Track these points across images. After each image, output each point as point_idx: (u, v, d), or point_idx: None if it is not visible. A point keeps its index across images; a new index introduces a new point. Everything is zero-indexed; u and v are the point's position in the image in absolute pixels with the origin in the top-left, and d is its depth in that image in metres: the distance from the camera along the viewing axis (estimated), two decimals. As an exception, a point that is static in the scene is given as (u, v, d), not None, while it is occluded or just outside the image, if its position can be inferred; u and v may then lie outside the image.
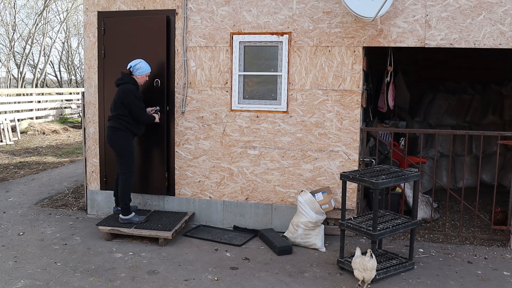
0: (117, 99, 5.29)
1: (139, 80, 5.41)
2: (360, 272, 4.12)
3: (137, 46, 5.71)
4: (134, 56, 5.58)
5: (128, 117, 5.27)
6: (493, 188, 5.41)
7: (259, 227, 5.67)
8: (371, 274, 4.10)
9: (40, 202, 6.89)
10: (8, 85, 24.84)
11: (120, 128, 5.28)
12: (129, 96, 5.23)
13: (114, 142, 5.32)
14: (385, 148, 6.57)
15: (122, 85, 5.31)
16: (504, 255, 5.02)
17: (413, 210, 4.76)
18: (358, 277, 4.16)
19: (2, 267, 4.54)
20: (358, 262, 4.14)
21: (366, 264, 4.09)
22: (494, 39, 4.96)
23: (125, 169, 5.34)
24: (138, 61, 5.39)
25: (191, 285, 4.24)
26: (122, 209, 5.39)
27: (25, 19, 35.52)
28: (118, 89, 5.33)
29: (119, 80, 5.38)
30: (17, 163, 9.97)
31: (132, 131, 5.35)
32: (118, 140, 5.30)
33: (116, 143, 5.31)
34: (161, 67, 5.72)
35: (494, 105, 8.17)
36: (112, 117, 5.34)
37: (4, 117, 13.65)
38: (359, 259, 4.16)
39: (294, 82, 5.47)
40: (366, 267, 4.09)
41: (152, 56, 5.68)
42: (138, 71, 5.37)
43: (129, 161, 5.35)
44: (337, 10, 5.28)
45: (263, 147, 5.63)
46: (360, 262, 4.13)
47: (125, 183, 5.34)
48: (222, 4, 5.57)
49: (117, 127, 5.29)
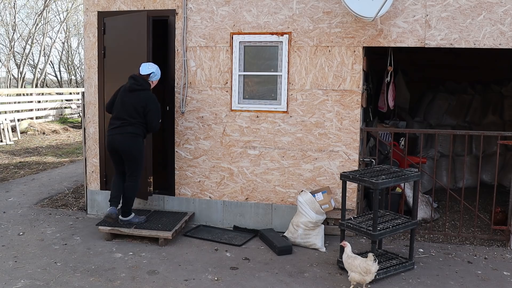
0: (138, 105, 5.09)
1: (153, 85, 5.33)
2: (361, 275, 3.98)
3: (136, 46, 5.70)
4: (133, 55, 5.58)
5: (144, 123, 5.18)
6: (493, 188, 5.41)
7: (259, 227, 5.67)
8: (372, 277, 4.01)
9: (40, 202, 6.88)
10: (8, 85, 24.84)
11: (139, 134, 5.16)
12: (153, 104, 5.10)
13: (133, 148, 5.13)
14: (385, 148, 6.57)
15: (143, 92, 5.13)
16: (504, 255, 5.02)
17: (413, 210, 4.76)
18: (355, 279, 4.01)
19: (2, 267, 4.54)
20: (359, 265, 3.99)
21: (371, 268, 3.95)
22: (494, 39, 4.95)
23: (137, 174, 5.25)
24: (156, 66, 5.28)
25: (191, 285, 4.24)
26: (123, 211, 5.37)
27: (25, 19, 35.54)
28: (138, 95, 5.11)
29: (136, 84, 5.15)
30: (17, 163, 9.97)
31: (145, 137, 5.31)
32: (137, 146, 5.15)
33: (134, 149, 5.14)
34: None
35: (494, 105, 8.18)
36: (130, 123, 5.11)
37: (4, 117, 13.65)
38: (360, 262, 4.01)
39: (294, 82, 5.47)
40: (370, 271, 3.96)
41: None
42: (155, 77, 5.29)
43: (142, 166, 5.31)
44: (337, 10, 5.28)
45: (263, 147, 5.63)
46: (362, 266, 3.98)
47: (135, 187, 5.28)
48: (222, 4, 5.57)
49: (137, 133, 5.14)
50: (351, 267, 4.05)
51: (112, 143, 5.17)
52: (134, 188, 5.29)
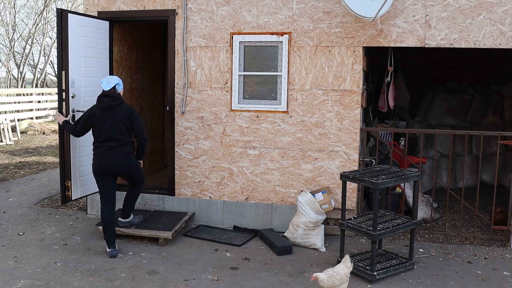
0: (125, 118, 4.86)
1: (121, 94, 5.08)
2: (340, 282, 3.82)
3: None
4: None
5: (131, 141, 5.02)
6: (493, 188, 5.41)
7: (259, 227, 5.67)
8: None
9: (40, 202, 6.88)
10: (8, 85, 24.83)
11: (132, 152, 5.01)
12: (135, 113, 4.94)
13: (132, 166, 5.01)
14: (385, 148, 6.57)
15: (121, 105, 4.89)
16: (504, 255, 5.02)
17: (413, 210, 4.76)
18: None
19: (2, 267, 4.54)
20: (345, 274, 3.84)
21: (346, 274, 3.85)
22: (494, 39, 4.96)
23: (143, 179, 5.18)
24: (115, 77, 5.03)
25: (191, 285, 4.24)
26: (125, 213, 5.35)
27: (25, 19, 35.47)
28: (119, 110, 4.86)
29: (114, 101, 4.86)
30: (17, 163, 9.97)
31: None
32: (135, 163, 5.05)
33: (134, 166, 5.03)
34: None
35: (494, 105, 8.17)
36: (123, 143, 4.89)
37: (4, 117, 13.64)
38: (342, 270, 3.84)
39: (294, 82, 5.47)
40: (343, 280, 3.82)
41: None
42: (120, 87, 5.02)
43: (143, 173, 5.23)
44: (337, 10, 5.28)
45: (263, 147, 5.63)
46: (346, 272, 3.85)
47: (139, 192, 5.28)
48: (222, 4, 5.57)
49: (131, 152, 4.99)
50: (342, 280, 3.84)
51: (105, 165, 4.88)
52: (138, 192, 5.27)
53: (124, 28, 6.43)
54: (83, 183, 5.57)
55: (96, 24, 5.68)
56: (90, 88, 5.54)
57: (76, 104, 5.39)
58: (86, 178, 5.57)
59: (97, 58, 5.69)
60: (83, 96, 5.47)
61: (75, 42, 5.32)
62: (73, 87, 5.33)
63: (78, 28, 5.36)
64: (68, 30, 5.20)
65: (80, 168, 5.50)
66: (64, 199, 5.40)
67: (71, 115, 5.29)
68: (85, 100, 5.48)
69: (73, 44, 5.29)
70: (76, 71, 5.36)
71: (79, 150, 5.47)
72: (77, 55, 5.35)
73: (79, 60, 5.39)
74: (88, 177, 5.54)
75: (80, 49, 5.40)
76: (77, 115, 5.30)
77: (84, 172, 5.54)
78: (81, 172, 5.51)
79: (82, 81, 5.46)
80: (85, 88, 5.52)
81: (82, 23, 5.41)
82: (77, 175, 5.46)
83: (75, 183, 5.45)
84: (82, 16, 5.50)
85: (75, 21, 5.29)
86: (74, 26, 5.28)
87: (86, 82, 5.53)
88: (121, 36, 6.35)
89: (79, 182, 5.51)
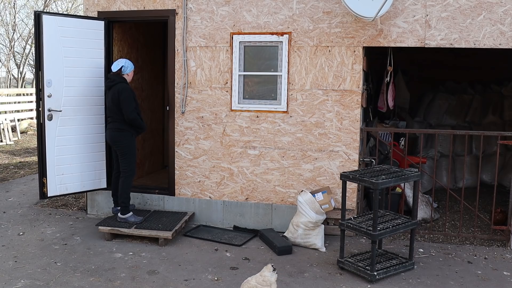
0: (114, 99, 5.28)
1: (129, 77, 5.48)
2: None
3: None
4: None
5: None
6: (493, 188, 5.41)
7: (259, 227, 5.67)
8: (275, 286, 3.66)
9: (40, 202, 6.88)
10: (8, 85, 24.82)
11: (125, 129, 5.35)
12: (124, 93, 5.24)
13: (119, 142, 5.37)
14: (385, 148, 6.57)
15: (116, 85, 5.30)
16: (504, 255, 5.02)
17: (413, 210, 4.76)
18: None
19: (2, 267, 4.54)
20: (257, 283, 3.61)
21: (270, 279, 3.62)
22: (494, 39, 4.96)
23: (128, 168, 5.41)
24: (124, 60, 5.42)
25: (191, 285, 4.24)
26: (120, 208, 5.41)
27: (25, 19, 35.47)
28: (113, 90, 5.30)
29: (110, 81, 5.37)
30: (17, 163, 9.97)
31: (135, 131, 5.42)
32: (123, 140, 5.36)
33: (120, 143, 5.36)
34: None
35: (494, 105, 8.17)
36: (113, 119, 5.37)
37: (4, 117, 13.64)
38: (255, 279, 3.63)
39: (294, 82, 5.47)
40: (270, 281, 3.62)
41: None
42: (128, 69, 5.41)
43: (132, 160, 5.44)
44: (337, 10, 5.28)
45: (263, 147, 5.63)
46: (259, 281, 3.62)
47: (126, 182, 5.40)
48: (222, 4, 5.57)
49: (121, 128, 5.34)
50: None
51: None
52: (124, 182, 5.41)
53: (124, 28, 6.43)
54: (64, 181, 5.62)
55: (86, 24, 5.65)
56: (73, 88, 5.60)
57: (55, 103, 5.47)
58: (69, 176, 5.63)
59: (86, 58, 5.66)
60: (64, 96, 5.52)
61: (53, 42, 5.37)
62: (50, 87, 5.39)
63: (58, 29, 5.39)
64: (43, 31, 5.27)
65: (60, 166, 5.56)
66: (41, 195, 5.56)
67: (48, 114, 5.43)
68: (66, 99, 5.54)
69: (51, 45, 5.35)
70: (54, 71, 5.41)
71: (58, 149, 5.54)
72: (56, 55, 5.40)
73: (59, 60, 5.44)
74: (71, 176, 5.63)
75: (61, 49, 5.43)
76: (54, 115, 5.44)
77: (67, 170, 5.60)
78: (62, 169, 5.57)
79: (63, 80, 5.49)
80: (67, 88, 5.55)
81: (63, 23, 5.45)
82: (55, 173, 5.53)
83: (53, 180, 5.52)
84: (62, 17, 5.56)
85: (52, 22, 5.34)
86: (51, 27, 5.33)
87: (69, 82, 5.55)
88: (121, 36, 6.35)
89: (58, 180, 5.57)
